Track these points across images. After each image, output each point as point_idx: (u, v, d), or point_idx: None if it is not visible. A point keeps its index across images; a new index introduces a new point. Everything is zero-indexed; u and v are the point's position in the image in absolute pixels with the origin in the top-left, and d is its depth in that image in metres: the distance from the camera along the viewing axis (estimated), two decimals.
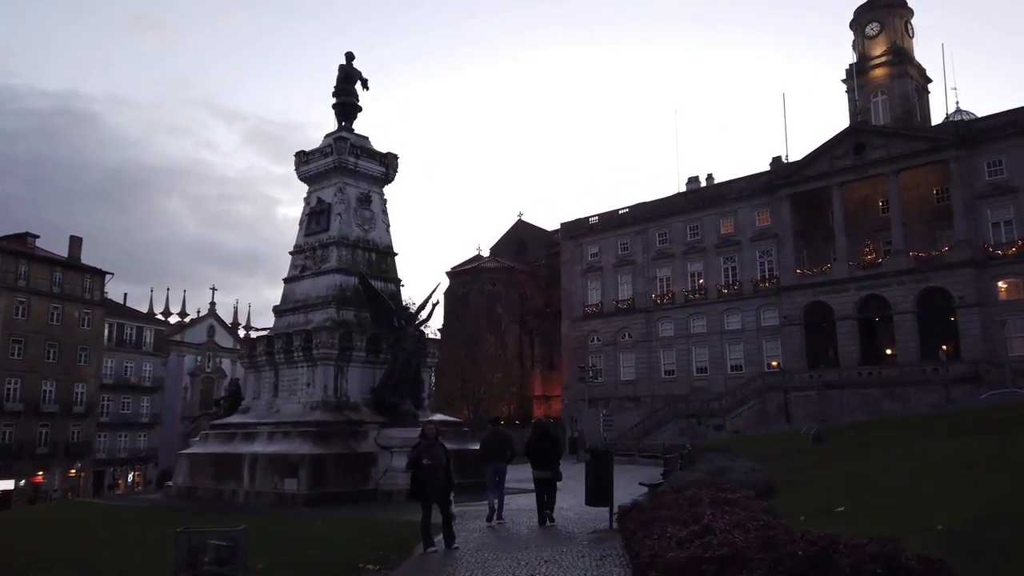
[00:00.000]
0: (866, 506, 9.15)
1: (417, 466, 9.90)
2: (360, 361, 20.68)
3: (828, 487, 11.43)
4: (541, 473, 12.59)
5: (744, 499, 7.41)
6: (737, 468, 11.07)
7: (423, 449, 10.01)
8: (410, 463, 10.12)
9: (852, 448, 20.22)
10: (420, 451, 9.98)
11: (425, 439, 10.21)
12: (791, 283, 56.12)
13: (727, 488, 8.14)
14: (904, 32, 59.62)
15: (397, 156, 23.52)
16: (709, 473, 10.71)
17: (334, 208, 22.02)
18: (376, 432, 19.83)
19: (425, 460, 9.80)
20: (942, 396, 45.53)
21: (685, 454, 16.53)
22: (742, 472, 10.75)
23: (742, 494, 7.62)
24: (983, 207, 49.21)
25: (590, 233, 70.21)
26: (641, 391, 63.37)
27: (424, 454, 9.91)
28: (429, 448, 10.05)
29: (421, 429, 10.48)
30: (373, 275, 22.01)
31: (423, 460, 9.81)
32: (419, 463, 9.86)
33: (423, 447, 10.04)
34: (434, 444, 10.18)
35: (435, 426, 10.49)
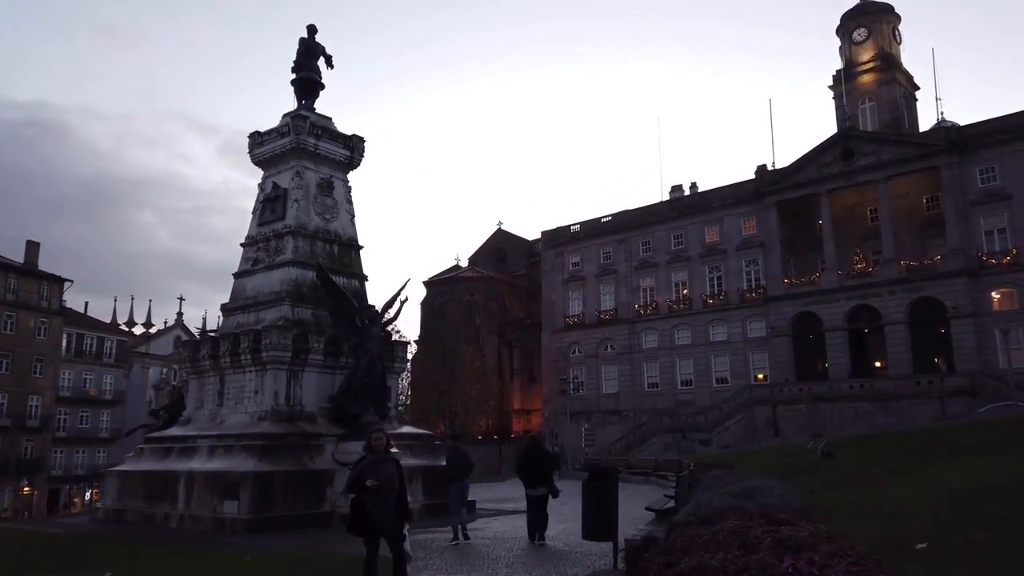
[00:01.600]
0: (953, 541, 6.97)
1: (358, 489, 7.58)
2: (317, 365, 18.24)
3: (875, 511, 9.29)
4: (535, 491, 12.08)
5: (817, 537, 5.11)
6: (767, 489, 8.91)
7: (368, 466, 7.68)
8: (349, 484, 7.78)
9: (868, 465, 18.12)
10: (364, 469, 7.66)
11: (372, 453, 7.87)
12: (779, 293, 54.40)
13: (782, 520, 5.85)
14: (892, 38, 58.57)
15: (363, 139, 21.25)
16: (734, 495, 8.51)
17: (291, 194, 19.65)
18: (334, 446, 17.39)
19: (369, 481, 7.47)
20: (937, 410, 43.81)
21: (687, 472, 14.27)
22: (776, 494, 8.58)
23: (807, 530, 5.30)
24: (976, 215, 47.85)
25: (571, 242, 68.22)
26: (624, 404, 61.21)
27: (369, 473, 7.58)
28: (377, 465, 7.72)
29: (367, 440, 8.12)
30: (334, 269, 19.64)
31: (367, 481, 7.49)
32: (361, 484, 7.54)
33: (368, 464, 7.71)
34: (383, 460, 7.85)
35: (384, 436, 8.14)
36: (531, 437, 13.30)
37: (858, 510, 9.29)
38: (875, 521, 8.12)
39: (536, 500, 12.14)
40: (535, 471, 12.13)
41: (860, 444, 25.12)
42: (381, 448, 7.89)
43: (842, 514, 8.61)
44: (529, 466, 12.20)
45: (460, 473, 13.48)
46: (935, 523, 8.31)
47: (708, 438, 51.22)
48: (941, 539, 6.85)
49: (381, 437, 8.00)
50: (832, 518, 7.96)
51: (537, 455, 12.42)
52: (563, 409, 59.28)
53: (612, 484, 7.83)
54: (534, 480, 12.07)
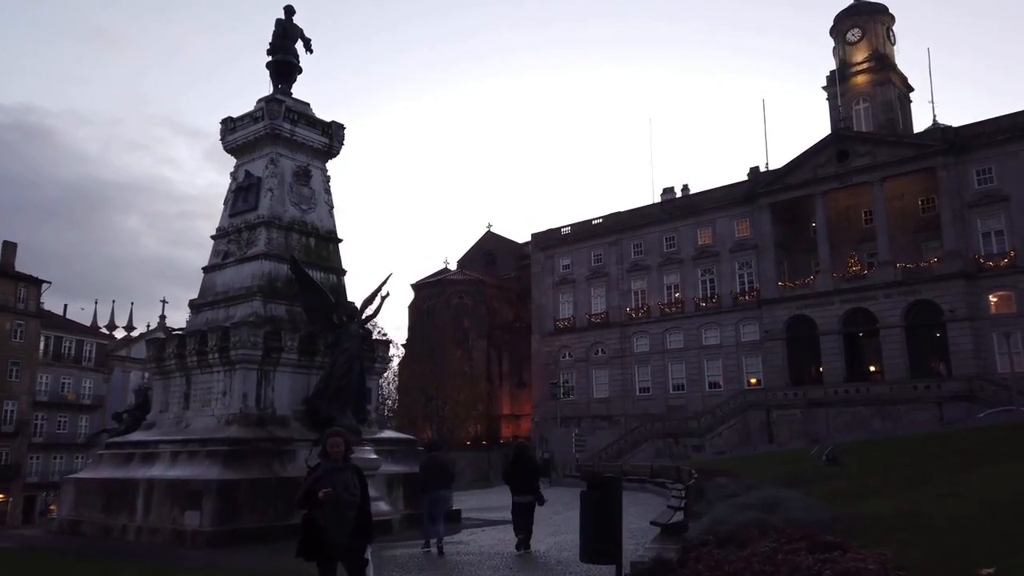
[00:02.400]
0: (1017, 562, 5.85)
1: (310, 502, 6.38)
2: (291, 365, 16.99)
3: (911, 526, 8.18)
4: (521, 498, 12.16)
5: (885, 566, 3.95)
6: (788, 501, 7.77)
7: (323, 475, 6.48)
8: (300, 497, 6.56)
9: (879, 473, 17.02)
10: (318, 478, 6.46)
11: (328, 460, 6.67)
12: (772, 296, 53.48)
13: (830, 543, 4.67)
14: (886, 39, 57.91)
15: (343, 126, 20.03)
16: (752, 508, 7.36)
17: (264, 183, 18.41)
18: (307, 452, 16.07)
19: (323, 492, 6.27)
20: (935, 415, 42.95)
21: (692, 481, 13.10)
22: (799, 507, 7.45)
23: (873, 560, 4.13)
24: (972, 217, 47.10)
25: (562, 244, 67.16)
26: (615, 409, 60.09)
27: (323, 484, 6.38)
28: (333, 474, 6.51)
29: (322, 446, 6.90)
30: (311, 263, 18.40)
31: (319, 491, 6.30)
32: (313, 497, 6.35)
33: (323, 473, 6.51)
34: (342, 468, 6.65)
35: (343, 440, 6.92)
36: (518, 444, 13.56)
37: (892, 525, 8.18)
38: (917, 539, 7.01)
39: (523, 507, 12.14)
40: (522, 478, 12.19)
41: (863, 450, 24.06)
42: (339, 454, 6.69)
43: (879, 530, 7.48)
44: (516, 473, 12.25)
45: (434, 484, 13.06)
46: (986, 541, 7.19)
47: (701, 443, 50.17)
48: (1004, 561, 5.73)
49: (339, 442, 6.79)
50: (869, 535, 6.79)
51: (524, 462, 12.49)
52: (553, 414, 58.10)
53: (615, 496, 6.67)
54: (521, 487, 12.14)
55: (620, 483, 7.13)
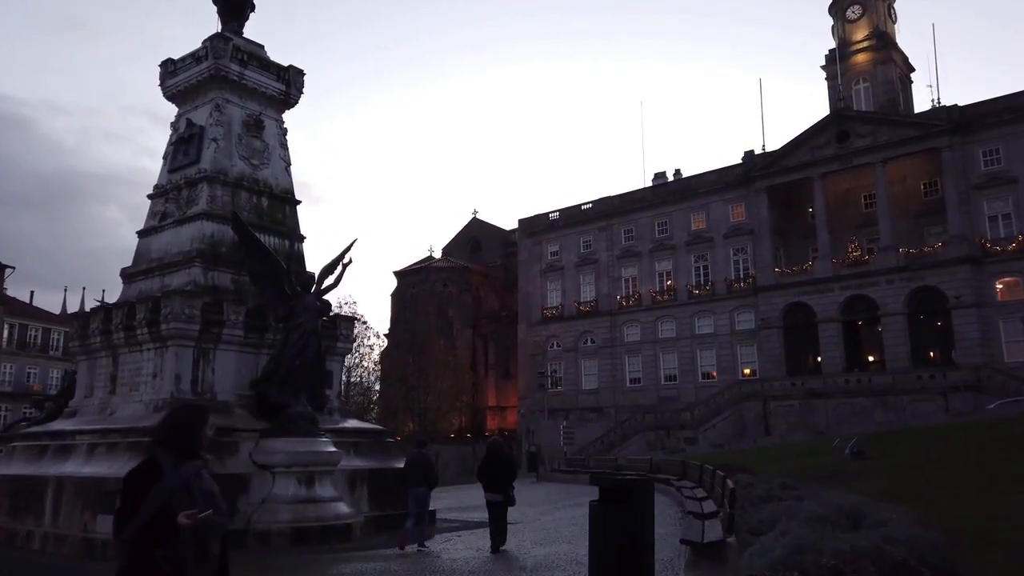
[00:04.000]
0: None
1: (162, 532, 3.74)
2: (235, 343, 14.52)
3: None
4: (493, 496, 11.87)
5: None
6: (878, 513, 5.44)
7: (181, 487, 3.85)
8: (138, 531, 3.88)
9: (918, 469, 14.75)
10: (174, 490, 3.82)
11: (189, 458, 4.02)
12: (769, 283, 51.36)
13: None
14: (887, 16, 55.80)
15: (302, 72, 17.51)
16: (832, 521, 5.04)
17: (208, 132, 15.88)
18: (253, 444, 13.70)
19: (185, 515, 3.68)
20: (940, 406, 41.02)
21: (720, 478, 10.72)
22: (898, 523, 5.12)
23: None
24: (979, 199, 45.13)
25: (550, 230, 64.78)
26: (604, 401, 57.91)
27: (182, 501, 3.76)
28: (190, 488, 3.89)
29: (167, 428, 4.25)
30: (263, 226, 15.93)
31: (179, 515, 3.68)
32: (168, 525, 3.71)
33: (180, 482, 3.86)
34: (196, 471, 4.05)
35: (203, 415, 4.28)
36: (492, 441, 12.98)
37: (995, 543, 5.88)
38: None
39: (496, 507, 11.86)
40: (495, 476, 11.89)
41: (880, 443, 21.86)
42: (201, 449, 4.14)
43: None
44: (489, 471, 11.95)
45: (415, 481, 12.74)
46: None
47: (694, 436, 48.08)
48: None
49: (205, 416, 4.21)
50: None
51: (497, 461, 12.13)
52: (540, 406, 55.79)
53: (645, 512, 4.30)
54: (494, 485, 11.85)
55: (652, 492, 4.74)
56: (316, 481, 13.62)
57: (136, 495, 3.79)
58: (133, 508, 3.74)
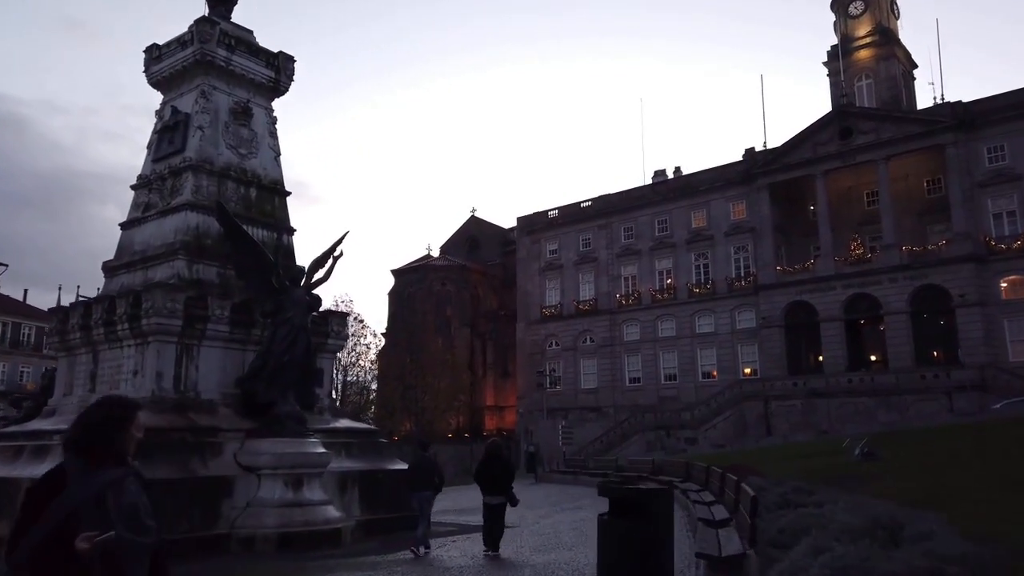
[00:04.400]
0: None
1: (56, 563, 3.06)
2: (220, 339, 13.91)
3: None
4: (491, 498, 11.67)
5: None
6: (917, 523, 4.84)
7: (86, 502, 3.18)
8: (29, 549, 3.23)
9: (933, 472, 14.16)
10: (77, 505, 3.18)
11: (99, 472, 3.26)
12: (770, 281, 50.76)
13: None
14: (890, 12, 55.26)
15: (292, 58, 16.89)
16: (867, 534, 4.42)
17: (194, 120, 15.27)
18: (238, 445, 13.10)
19: (83, 538, 2.95)
20: (944, 406, 40.44)
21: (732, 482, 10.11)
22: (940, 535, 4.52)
23: None
24: (983, 197, 44.55)
25: (549, 228, 64.17)
26: (603, 400, 57.31)
27: (87, 518, 3.09)
28: (102, 502, 3.18)
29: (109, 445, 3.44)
30: (251, 218, 15.33)
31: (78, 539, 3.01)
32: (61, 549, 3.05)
33: (87, 495, 3.16)
34: (120, 479, 3.33)
35: (129, 410, 3.55)
36: (491, 443, 12.82)
37: None
38: None
39: (493, 509, 11.65)
40: (492, 477, 11.69)
41: (888, 444, 21.24)
42: (126, 453, 3.45)
43: None
44: (487, 473, 11.76)
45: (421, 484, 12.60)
46: None
47: (694, 436, 47.52)
48: None
49: (134, 417, 3.50)
50: None
51: (496, 462, 11.94)
52: (539, 405, 55.19)
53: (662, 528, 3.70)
54: (492, 488, 11.65)
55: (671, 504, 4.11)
56: (304, 484, 13.01)
57: (33, 511, 3.12)
58: (27, 527, 3.10)
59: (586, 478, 23.48)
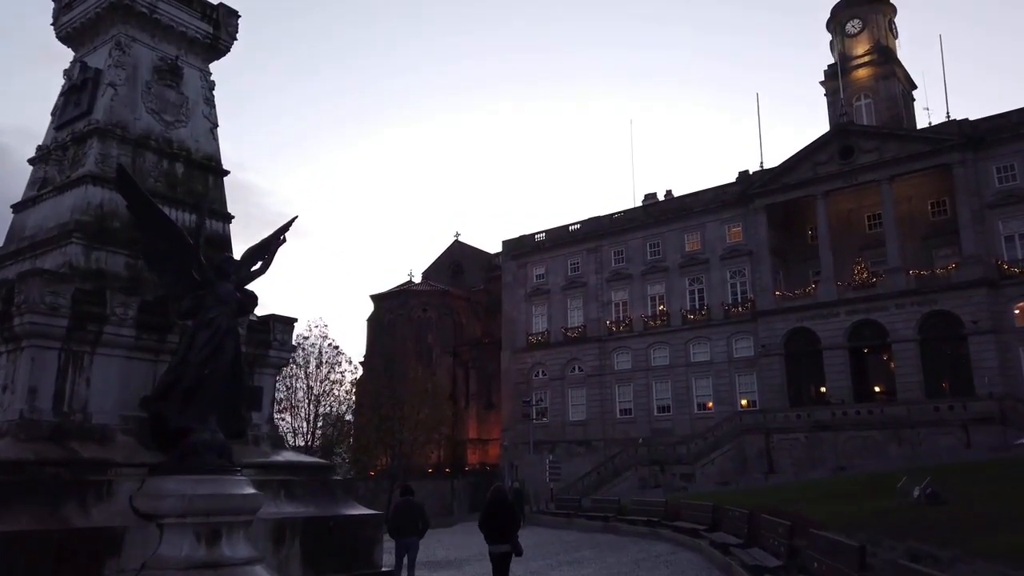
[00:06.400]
0: None
1: None
2: (123, 345, 10.81)
3: None
4: (497, 547, 11.42)
5: None
6: None
7: None
8: None
9: None
10: None
11: None
12: (769, 307, 48.19)
13: None
14: (888, 31, 53.76)
15: (236, 13, 14.08)
16: None
17: (105, 76, 12.33)
18: (136, 484, 9.88)
19: None
20: (960, 439, 37.74)
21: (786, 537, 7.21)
22: None
23: None
24: (993, 218, 42.39)
25: (536, 252, 61.48)
26: (593, 433, 54.13)
27: None
28: None
29: None
30: (176, 199, 12.34)
31: None
32: None
33: None
34: None
35: None
36: (495, 488, 12.31)
37: None
38: None
39: (498, 558, 11.38)
40: (497, 525, 11.42)
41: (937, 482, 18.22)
42: None
43: None
44: (492, 522, 11.44)
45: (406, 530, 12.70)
46: None
47: (691, 472, 44.44)
48: None
49: None
50: None
51: (501, 507, 11.55)
52: (524, 438, 51.91)
53: None
54: (496, 535, 11.44)
55: None
56: (223, 536, 9.77)
57: None
58: None
59: (582, 520, 20.36)
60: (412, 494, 14.52)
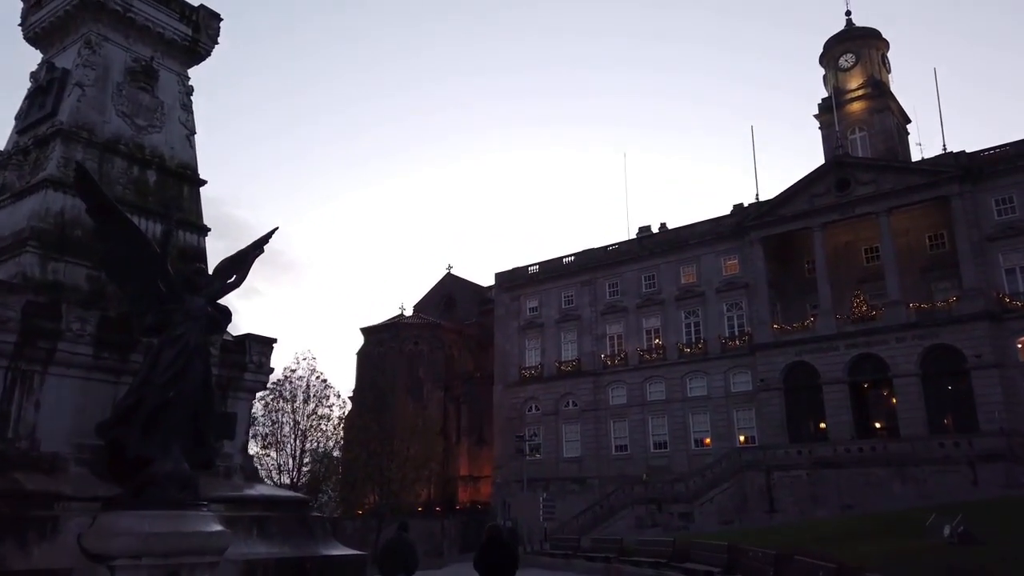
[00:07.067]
0: None
1: None
2: (80, 365, 9.80)
3: None
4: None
5: None
6: None
7: None
8: None
9: None
10: None
11: None
12: (767, 340, 47.29)
13: None
14: (881, 65, 53.91)
15: (218, 16, 13.32)
16: None
17: (73, 75, 11.51)
18: (88, 519, 8.77)
19: None
20: (967, 477, 36.57)
21: None
22: None
23: None
24: (994, 251, 41.86)
25: (529, 284, 60.62)
26: (588, 470, 52.69)
27: None
28: None
29: None
30: (146, 208, 11.44)
31: None
32: None
33: None
34: None
35: None
36: (491, 527, 11.85)
37: None
38: None
39: None
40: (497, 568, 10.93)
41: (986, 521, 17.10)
42: None
43: None
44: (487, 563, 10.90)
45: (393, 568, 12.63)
46: None
47: (689, 510, 43.03)
48: None
49: None
50: None
51: (499, 548, 11.06)
52: (517, 475, 50.47)
53: None
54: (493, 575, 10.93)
55: None
56: None
57: None
58: None
59: (581, 561, 19.11)
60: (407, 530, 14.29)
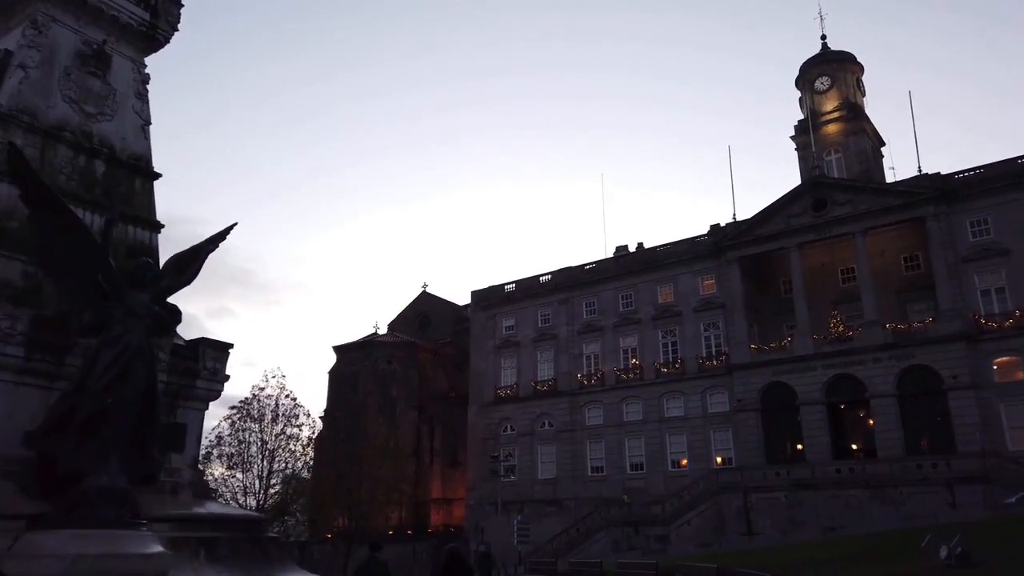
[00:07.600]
0: None
1: None
2: (9, 368, 8.93)
3: None
4: None
5: None
6: None
7: None
8: None
9: None
10: None
11: None
12: (744, 360, 46.95)
13: None
14: (856, 88, 54.40)
15: (179, 3, 12.54)
16: None
17: (16, 56, 10.65)
18: (11, 540, 7.77)
19: None
20: (945, 499, 36.28)
21: None
22: None
23: None
24: (969, 272, 41.98)
25: (505, 303, 59.89)
26: (563, 492, 51.73)
27: None
28: None
29: None
30: (93, 201, 10.57)
31: None
32: None
33: None
34: None
35: None
36: (450, 549, 11.24)
37: None
38: None
39: None
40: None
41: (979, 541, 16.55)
42: None
43: None
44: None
45: None
46: None
47: (666, 533, 42.31)
48: None
49: None
50: None
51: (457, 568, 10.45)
52: (491, 497, 49.34)
53: None
54: None
55: None
56: None
57: None
58: None
59: None
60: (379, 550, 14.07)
